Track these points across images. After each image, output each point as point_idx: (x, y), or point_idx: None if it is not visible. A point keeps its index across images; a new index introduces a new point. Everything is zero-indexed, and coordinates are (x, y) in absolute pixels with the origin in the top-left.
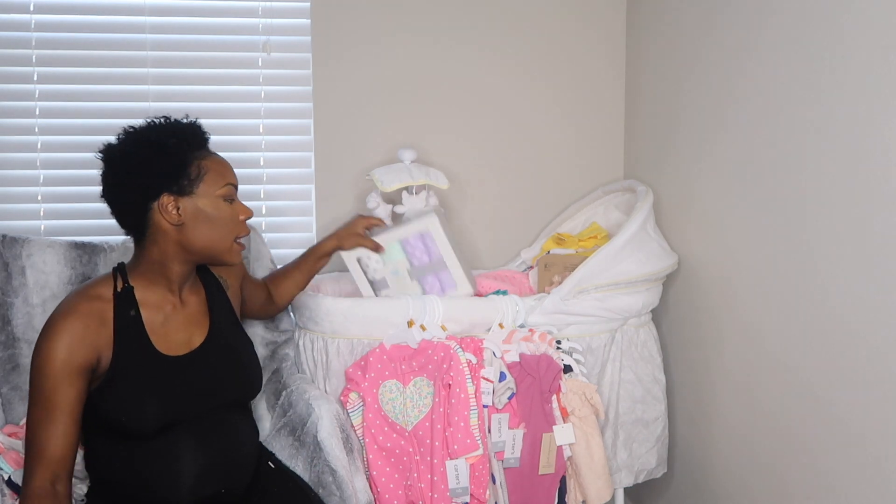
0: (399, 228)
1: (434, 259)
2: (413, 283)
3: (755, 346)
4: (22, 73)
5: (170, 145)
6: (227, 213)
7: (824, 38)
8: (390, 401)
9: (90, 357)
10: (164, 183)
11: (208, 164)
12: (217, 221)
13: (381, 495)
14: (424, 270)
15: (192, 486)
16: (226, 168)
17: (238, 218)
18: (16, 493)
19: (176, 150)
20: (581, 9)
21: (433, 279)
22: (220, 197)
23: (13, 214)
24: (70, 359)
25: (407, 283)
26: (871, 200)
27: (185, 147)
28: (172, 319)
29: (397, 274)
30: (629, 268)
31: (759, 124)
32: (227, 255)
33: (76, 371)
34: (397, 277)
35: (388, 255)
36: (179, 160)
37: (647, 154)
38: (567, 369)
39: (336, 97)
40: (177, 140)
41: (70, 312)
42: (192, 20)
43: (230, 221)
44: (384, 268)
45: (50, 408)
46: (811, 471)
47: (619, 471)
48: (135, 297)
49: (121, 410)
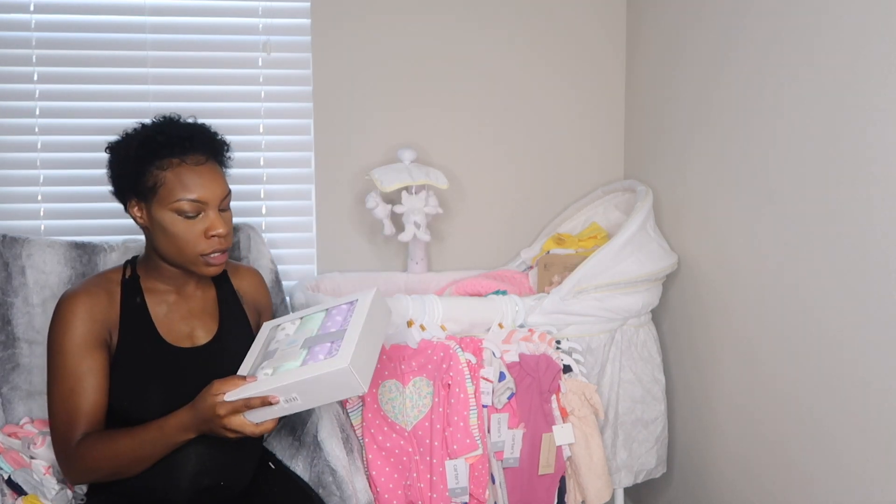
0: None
1: (340, 328)
2: (301, 352)
3: (754, 346)
4: (22, 73)
5: (132, 154)
6: (182, 229)
7: (826, 41)
8: (390, 400)
9: (104, 333)
10: (127, 189)
11: (167, 176)
12: (172, 236)
13: (380, 495)
14: (323, 338)
15: (193, 474)
16: (189, 182)
17: (199, 234)
18: (16, 493)
19: (135, 157)
20: (581, 9)
21: (320, 347)
22: (173, 211)
23: (13, 214)
24: (87, 333)
25: (292, 353)
26: (870, 201)
27: (148, 155)
28: (175, 310)
29: (292, 344)
30: (629, 268)
31: (760, 125)
32: (195, 268)
33: (94, 343)
34: (289, 348)
35: (306, 325)
36: (136, 169)
37: (647, 154)
38: (567, 369)
39: (336, 97)
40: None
41: (82, 292)
42: (192, 20)
43: (187, 237)
44: (289, 336)
45: (75, 380)
46: (813, 470)
47: (618, 471)
48: (140, 285)
49: (124, 396)
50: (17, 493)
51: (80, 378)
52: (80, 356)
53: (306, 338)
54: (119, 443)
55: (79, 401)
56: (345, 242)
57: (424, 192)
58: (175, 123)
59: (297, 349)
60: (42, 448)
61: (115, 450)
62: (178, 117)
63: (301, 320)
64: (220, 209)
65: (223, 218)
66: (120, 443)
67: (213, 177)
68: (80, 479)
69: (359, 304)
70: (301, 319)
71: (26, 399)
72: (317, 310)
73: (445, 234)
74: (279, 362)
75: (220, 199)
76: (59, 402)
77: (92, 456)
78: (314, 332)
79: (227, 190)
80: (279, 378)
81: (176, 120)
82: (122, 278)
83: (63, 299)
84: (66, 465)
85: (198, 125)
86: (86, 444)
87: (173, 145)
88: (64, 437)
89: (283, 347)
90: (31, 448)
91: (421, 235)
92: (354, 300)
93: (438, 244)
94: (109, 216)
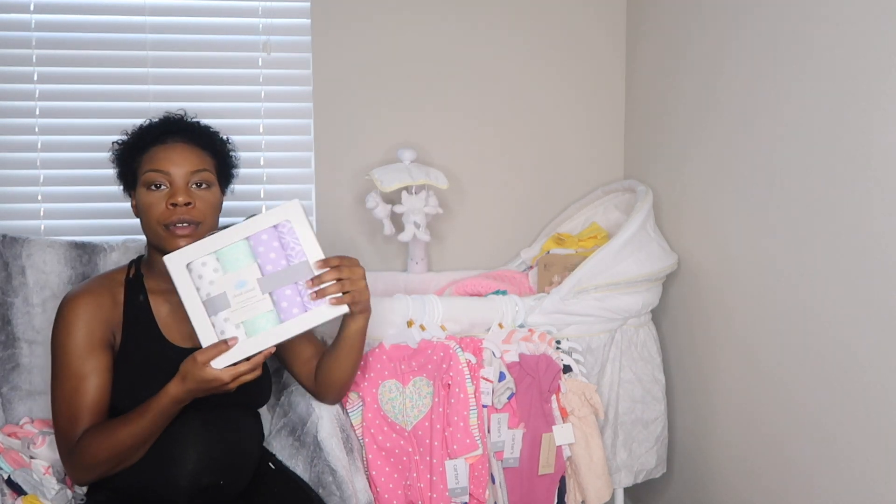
0: (246, 222)
1: (295, 262)
2: (264, 298)
3: (754, 346)
4: (22, 73)
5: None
6: (149, 200)
7: (827, 40)
8: (390, 400)
9: (107, 333)
10: (124, 182)
11: (143, 157)
12: (143, 210)
13: (380, 495)
14: (280, 280)
15: (192, 473)
16: (157, 155)
17: (163, 204)
18: (16, 493)
19: (126, 150)
20: (582, 9)
21: (292, 291)
22: (143, 186)
23: (13, 214)
24: (90, 333)
25: (255, 300)
26: (870, 201)
27: (135, 146)
28: (178, 310)
29: (243, 287)
30: (629, 268)
31: (760, 124)
32: (164, 243)
33: (97, 343)
34: (243, 292)
35: (231, 260)
36: (126, 160)
37: (647, 154)
38: (566, 369)
39: (336, 97)
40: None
41: (85, 292)
42: (192, 20)
43: (153, 207)
44: (223, 278)
45: (78, 380)
46: (814, 469)
47: (618, 471)
48: (144, 284)
49: (125, 395)
50: (16, 493)
51: (83, 378)
52: (82, 357)
53: (258, 278)
54: (115, 430)
55: (81, 401)
56: (345, 242)
57: (424, 192)
58: (164, 118)
59: (257, 294)
60: (42, 448)
61: (113, 438)
62: (184, 114)
63: (217, 255)
64: (195, 184)
65: (194, 193)
66: (116, 430)
67: (183, 152)
68: (84, 476)
69: (297, 227)
70: (216, 254)
71: (26, 399)
72: (229, 240)
73: (445, 234)
74: (244, 314)
75: (188, 172)
76: (62, 402)
77: (91, 449)
78: (253, 268)
79: (199, 166)
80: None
81: (168, 116)
82: (125, 278)
83: (66, 300)
84: (69, 465)
85: (187, 121)
86: (84, 439)
87: (153, 130)
88: (66, 437)
89: (233, 293)
90: (31, 448)
91: (421, 235)
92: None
93: (438, 244)
94: (109, 216)
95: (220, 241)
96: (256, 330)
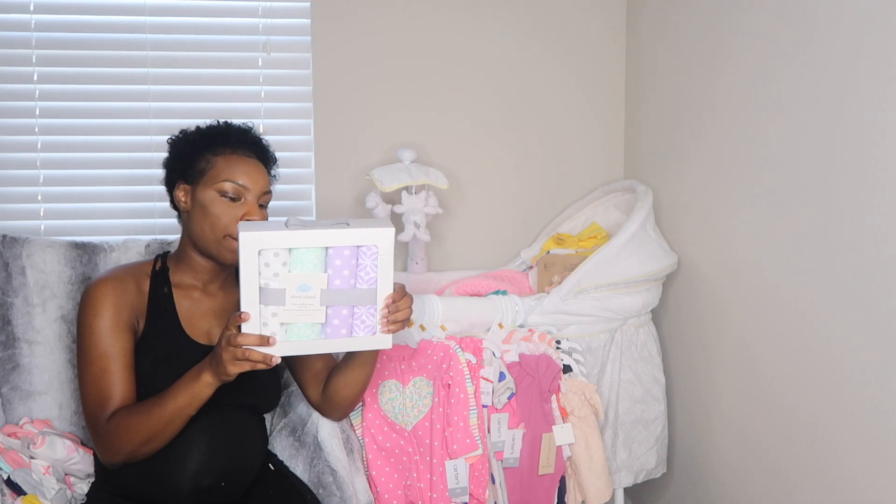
0: (332, 229)
1: (363, 288)
2: (320, 309)
3: (754, 346)
4: (22, 73)
5: (190, 139)
6: (220, 209)
7: (827, 40)
8: (390, 400)
9: (132, 318)
10: (179, 171)
11: (218, 160)
12: (210, 214)
13: (380, 495)
14: (343, 298)
15: (194, 473)
16: (237, 167)
17: (234, 217)
18: (15, 493)
19: (194, 143)
20: (582, 9)
21: (348, 312)
22: (216, 191)
23: (13, 214)
24: (117, 315)
25: (311, 307)
26: (870, 201)
27: (204, 141)
28: (198, 306)
29: (304, 291)
30: (629, 268)
31: (760, 124)
32: (216, 249)
33: (123, 326)
34: (302, 296)
35: (302, 261)
36: (192, 152)
37: (647, 154)
38: (566, 369)
39: (336, 97)
40: (200, 136)
41: (112, 278)
42: (192, 20)
43: (222, 217)
44: (289, 276)
45: (107, 361)
46: (812, 470)
47: (618, 471)
48: (169, 277)
49: (140, 383)
50: (16, 493)
51: (112, 358)
52: (110, 338)
53: (322, 289)
54: (147, 408)
55: (111, 381)
56: None
57: (424, 192)
58: (240, 126)
59: (315, 303)
60: (42, 448)
61: (145, 416)
62: (252, 126)
63: (290, 253)
64: (259, 204)
65: (260, 212)
66: (148, 408)
67: (259, 170)
68: (114, 455)
69: (381, 256)
70: (290, 252)
71: (26, 399)
72: (310, 242)
73: (445, 234)
74: (293, 316)
75: (261, 191)
76: (91, 384)
77: (123, 428)
78: (321, 277)
79: (268, 188)
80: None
81: (243, 126)
82: (151, 269)
83: (93, 285)
84: (100, 445)
85: (256, 134)
86: (115, 418)
87: (229, 135)
88: (96, 418)
89: (292, 293)
90: (31, 448)
91: (421, 235)
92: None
93: (438, 244)
94: (109, 216)
95: (302, 239)
96: (297, 335)
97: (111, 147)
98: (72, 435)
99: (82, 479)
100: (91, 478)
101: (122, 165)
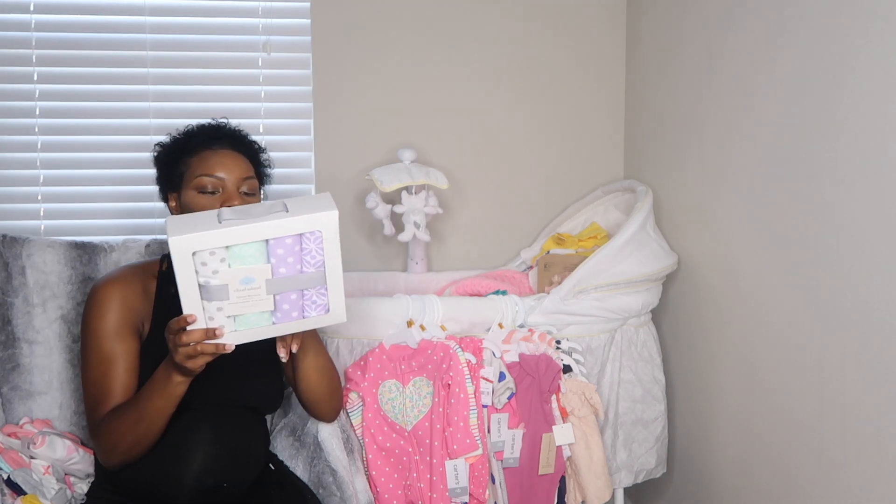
0: (270, 218)
1: (310, 272)
2: (267, 298)
3: (754, 346)
4: (22, 73)
5: (168, 149)
6: (202, 203)
7: (826, 40)
8: (390, 401)
9: (137, 321)
10: (166, 181)
11: (192, 160)
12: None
13: (380, 495)
14: (290, 285)
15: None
16: (210, 160)
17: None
18: (15, 493)
19: (170, 151)
20: (581, 9)
21: (297, 296)
22: (195, 189)
23: (13, 214)
24: (122, 318)
25: (257, 298)
26: (870, 201)
27: (179, 147)
28: None
29: (248, 283)
30: (629, 268)
31: (760, 124)
32: None
33: (128, 329)
34: (246, 288)
35: (242, 256)
36: (170, 160)
37: (647, 154)
38: (566, 369)
39: (336, 97)
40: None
41: (119, 279)
42: (192, 20)
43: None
44: (229, 271)
45: (109, 363)
46: (812, 470)
47: (618, 471)
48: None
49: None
50: (16, 493)
51: (113, 361)
52: (114, 340)
53: (267, 279)
54: (127, 413)
55: (111, 384)
56: (345, 242)
57: (424, 192)
58: (210, 124)
59: (261, 293)
60: (42, 448)
61: (126, 421)
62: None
63: (227, 250)
64: (243, 192)
65: (244, 199)
66: (128, 413)
67: (235, 159)
68: (110, 457)
69: (327, 240)
70: (227, 249)
71: (26, 399)
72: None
73: (445, 234)
74: (240, 308)
75: (239, 178)
76: (92, 386)
77: (112, 429)
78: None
79: (248, 173)
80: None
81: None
82: (158, 270)
83: (99, 285)
84: (96, 448)
85: (231, 127)
86: (106, 420)
87: (202, 134)
88: (95, 420)
89: (235, 287)
90: (31, 448)
91: (421, 235)
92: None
93: (438, 244)
94: (109, 216)
95: (237, 236)
96: (247, 325)
97: (111, 147)
98: (72, 435)
99: (82, 479)
100: (91, 478)
101: (122, 165)
